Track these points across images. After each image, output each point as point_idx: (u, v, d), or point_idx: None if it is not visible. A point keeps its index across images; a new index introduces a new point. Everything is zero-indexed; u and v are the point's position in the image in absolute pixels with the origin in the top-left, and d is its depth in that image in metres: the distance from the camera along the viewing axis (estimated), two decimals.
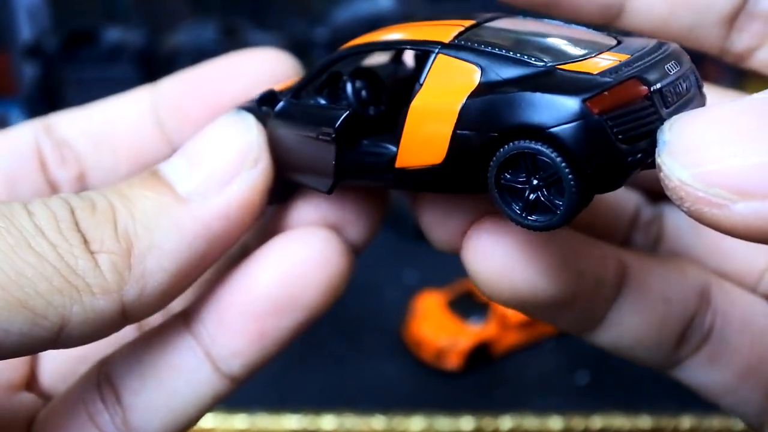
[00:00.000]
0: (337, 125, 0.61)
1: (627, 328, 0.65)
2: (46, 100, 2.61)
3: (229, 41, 2.38)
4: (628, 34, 0.65)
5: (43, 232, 0.54)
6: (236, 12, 2.80)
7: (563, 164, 0.50)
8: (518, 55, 0.55)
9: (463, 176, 0.55)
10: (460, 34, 0.59)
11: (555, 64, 0.54)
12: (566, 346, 2.00)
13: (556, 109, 0.50)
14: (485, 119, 0.52)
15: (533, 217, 0.53)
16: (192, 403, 0.65)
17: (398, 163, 0.59)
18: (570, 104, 0.50)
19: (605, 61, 0.54)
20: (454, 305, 1.99)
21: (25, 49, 2.77)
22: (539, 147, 0.51)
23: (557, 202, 0.51)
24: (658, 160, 0.47)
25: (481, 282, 0.62)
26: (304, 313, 0.65)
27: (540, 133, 0.50)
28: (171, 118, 0.75)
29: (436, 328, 1.92)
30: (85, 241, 0.55)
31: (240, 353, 0.65)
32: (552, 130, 0.50)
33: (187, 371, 0.65)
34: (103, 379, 0.65)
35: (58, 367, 0.73)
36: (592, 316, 0.65)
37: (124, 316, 0.57)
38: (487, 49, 0.56)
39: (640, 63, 0.54)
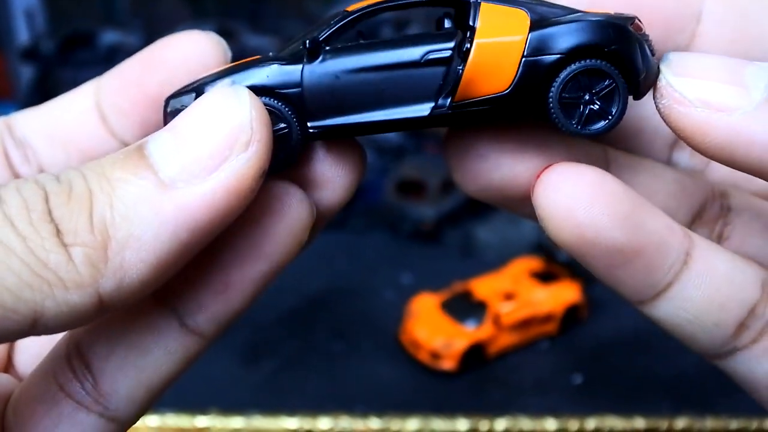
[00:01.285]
0: (455, 42, 0.64)
1: (688, 303, 0.65)
2: (42, 102, 2.61)
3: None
4: None
5: (13, 222, 0.53)
6: (232, 15, 2.81)
7: (619, 75, 0.64)
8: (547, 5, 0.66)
9: (524, 100, 0.64)
10: None
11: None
12: (561, 348, 2.01)
13: (611, 32, 0.63)
14: (551, 44, 0.63)
15: (588, 127, 0.64)
16: (162, 362, 0.64)
17: (458, 97, 0.64)
18: (621, 27, 0.64)
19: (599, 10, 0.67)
20: (449, 307, 2.00)
21: (23, 51, 2.77)
22: (599, 63, 0.64)
23: (611, 109, 0.64)
24: (660, 70, 0.63)
25: (546, 220, 0.64)
26: (266, 263, 0.64)
27: (601, 50, 0.63)
28: (111, 112, 0.74)
29: (432, 329, 1.93)
30: (58, 232, 0.53)
31: (206, 307, 0.64)
32: (612, 47, 0.63)
33: (153, 330, 0.64)
34: (72, 350, 0.65)
35: (34, 349, 0.73)
36: (652, 282, 0.65)
37: (102, 308, 0.55)
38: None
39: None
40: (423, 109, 0.64)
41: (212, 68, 0.71)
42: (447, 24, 0.66)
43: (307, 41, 0.64)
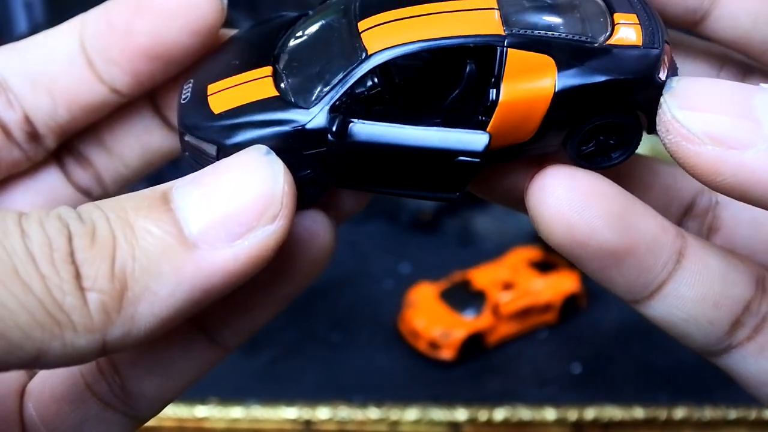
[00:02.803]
0: (482, 150, 0.63)
1: (683, 301, 0.65)
2: None
3: None
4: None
5: (35, 259, 0.51)
6: (230, 4, 2.80)
7: (638, 126, 0.65)
8: (572, 36, 0.64)
9: (542, 145, 0.65)
10: (502, 19, 0.64)
11: (603, 38, 0.64)
12: (560, 337, 2.01)
13: (635, 87, 0.63)
14: (577, 102, 0.63)
15: (599, 162, 0.66)
16: (186, 370, 0.66)
17: None
18: (648, 81, 0.63)
19: (628, 26, 0.65)
20: (448, 296, 2.00)
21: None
22: (624, 116, 0.64)
23: (617, 152, 0.66)
24: (661, 99, 0.60)
25: (539, 221, 0.64)
26: (292, 286, 0.66)
27: (626, 105, 0.64)
28: (98, 58, 0.71)
29: (431, 318, 1.94)
30: (78, 275, 0.52)
31: (232, 324, 0.66)
32: (638, 103, 0.63)
33: (181, 343, 0.66)
34: None
35: None
36: (645, 281, 0.65)
37: (103, 352, 0.54)
38: (544, 36, 0.63)
39: (649, 20, 0.66)
40: (451, 195, 0.66)
41: (209, 22, 0.70)
42: (468, 68, 0.64)
43: (334, 126, 0.62)
